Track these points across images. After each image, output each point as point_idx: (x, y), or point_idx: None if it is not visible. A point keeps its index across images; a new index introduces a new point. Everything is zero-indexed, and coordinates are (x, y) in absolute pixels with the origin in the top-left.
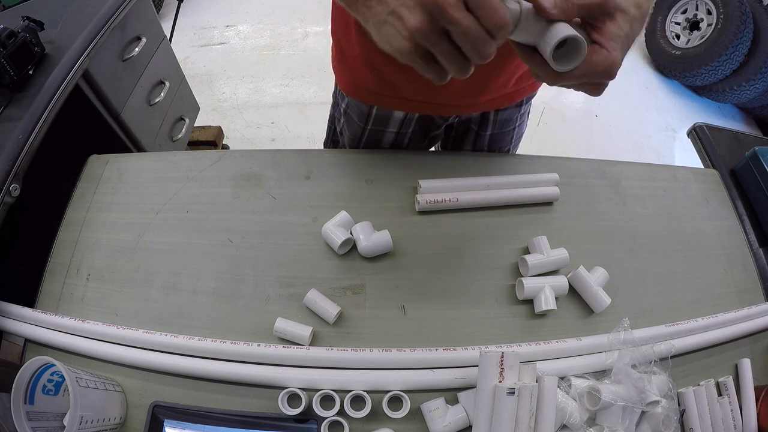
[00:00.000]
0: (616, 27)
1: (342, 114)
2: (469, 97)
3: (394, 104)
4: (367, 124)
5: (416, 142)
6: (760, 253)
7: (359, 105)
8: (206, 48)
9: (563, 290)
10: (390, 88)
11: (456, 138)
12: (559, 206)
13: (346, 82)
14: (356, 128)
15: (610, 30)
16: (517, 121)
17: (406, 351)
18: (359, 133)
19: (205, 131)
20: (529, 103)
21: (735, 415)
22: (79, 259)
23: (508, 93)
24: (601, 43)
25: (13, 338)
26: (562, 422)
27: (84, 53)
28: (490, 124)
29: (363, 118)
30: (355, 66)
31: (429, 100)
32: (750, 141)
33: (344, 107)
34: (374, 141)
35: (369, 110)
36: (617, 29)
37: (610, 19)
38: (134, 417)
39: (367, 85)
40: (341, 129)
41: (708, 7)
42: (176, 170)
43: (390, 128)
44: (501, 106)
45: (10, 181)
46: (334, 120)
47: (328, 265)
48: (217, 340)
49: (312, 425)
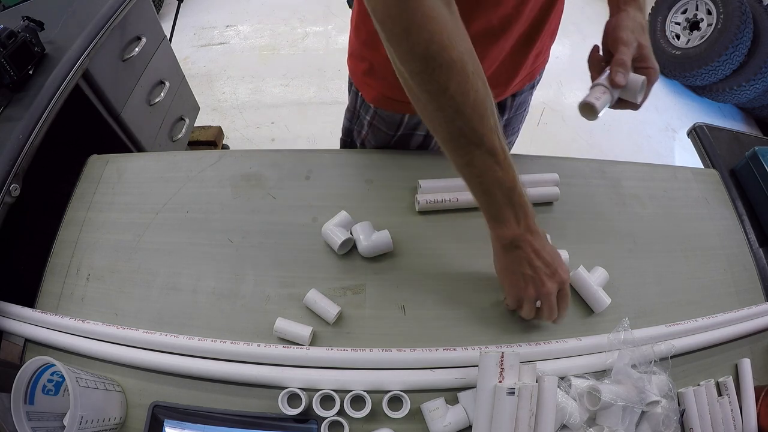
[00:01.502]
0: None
1: (366, 125)
2: (499, 87)
3: None
4: (398, 131)
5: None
6: (760, 253)
7: (391, 115)
8: (206, 48)
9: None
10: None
11: None
12: (559, 206)
13: (375, 95)
14: (385, 137)
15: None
16: (529, 101)
17: (406, 351)
18: (388, 140)
19: (205, 131)
20: (539, 77)
21: (735, 415)
22: (79, 259)
23: (527, 74)
24: (645, 66)
25: (13, 338)
26: (562, 422)
27: (84, 53)
28: (507, 110)
29: (394, 126)
30: (387, 79)
31: None
32: (750, 141)
33: (369, 119)
34: (401, 145)
35: (401, 119)
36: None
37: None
38: (134, 417)
39: (399, 97)
40: (363, 140)
41: (708, 7)
42: (176, 170)
43: (419, 131)
44: (521, 88)
45: (10, 181)
46: (351, 132)
47: (328, 265)
48: (217, 340)
49: (312, 425)
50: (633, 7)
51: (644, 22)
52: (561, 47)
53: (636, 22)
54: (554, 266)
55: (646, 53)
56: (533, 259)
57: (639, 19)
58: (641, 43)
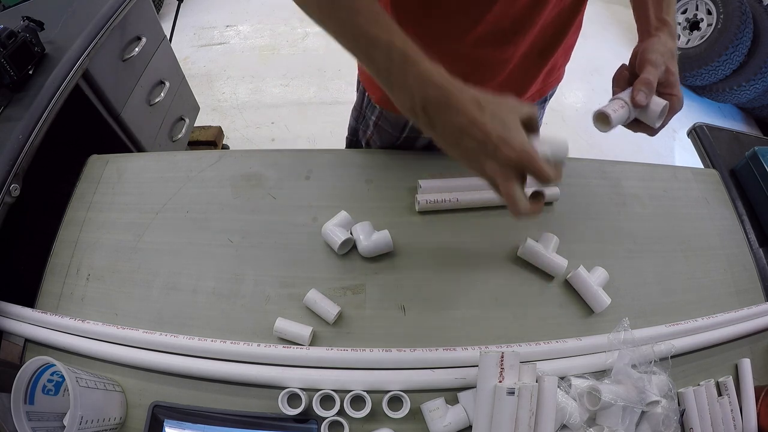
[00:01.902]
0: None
1: (372, 126)
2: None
3: None
4: (404, 132)
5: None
6: (760, 253)
7: (396, 117)
8: (206, 48)
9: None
10: None
11: None
12: (559, 206)
13: (381, 95)
14: (390, 137)
15: (670, 81)
16: (541, 116)
17: (406, 351)
18: (393, 141)
19: (205, 131)
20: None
21: (735, 415)
22: (79, 259)
23: (537, 90)
24: (669, 93)
25: (13, 338)
26: (562, 422)
27: (84, 53)
28: None
29: (399, 128)
30: None
31: None
32: (750, 141)
33: (375, 119)
34: (407, 146)
35: (406, 121)
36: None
37: (668, 73)
38: (134, 417)
39: None
40: (368, 140)
41: (708, 7)
42: (176, 170)
43: (425, 135)
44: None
45: (10, 181)
46: (356, 132)
47: (328, 265)
48: (217, 340)
49: (312, 425)
50: (664, 33)
51: (675, 49)
52: None
53: (666, 47)
54: (494, 138)
55: (673, 80)
56: (465, 128)
57: (670, 45)
58: (669, 68)
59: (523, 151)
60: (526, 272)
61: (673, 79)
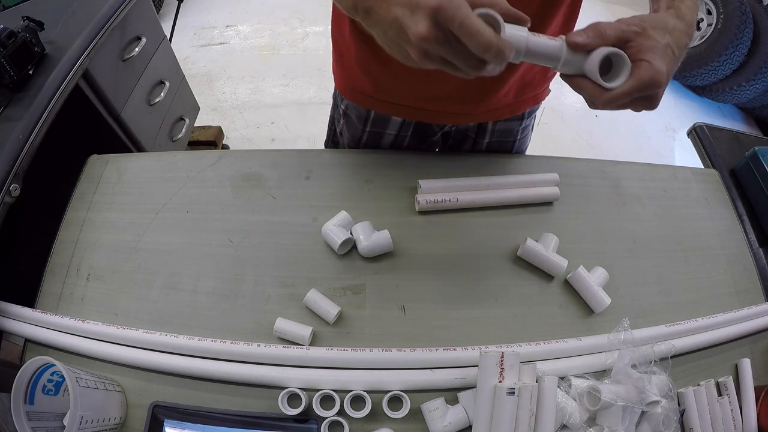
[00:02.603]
0: (651, 41)
1: (342, 115)
2: (466, 106)
3: (390, 109)
4: (366, 126)
5: (413, 146)
6: (760, 253)
7: (358, 108)
8: (206, 48)
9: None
10: (385, 93)
11: (453, 146)
12: (559, 206)
13: (345, 85)
14: (356, 130)
15: (645, 45)
16: (518, 134)
17: (406, 351)
18: (359, 135)
19: (205, 131)
20: (531, 117)
21: (735, 415)
22: (79, 259)
23: (508, 104)
24: (640, 58)
25: (13, 338)
26: (562, 422)
27: (84, 53)
28: (488, 133)
29: (362, 120)
30: (352, 69)
31: (424, 107)
32: (750, 141)
33: (344, 108)
34: (374, 142)
35: (367, 113)
36: (653, 42)
37: (644, 37)
38: (134, 417)
39: (364, 89)
40: (341, 130)
41: (708, 7)
42: (176, 170)
43: (389, 130)
44: (500, 117)
45: (10, 181)
46: (334, 121)
47: (328, 265)
48: (217, 340)
49: (312, 425)
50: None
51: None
52: None
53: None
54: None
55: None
56: (378, 11)
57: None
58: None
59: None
60: (526, 272)
61: (649, 44)
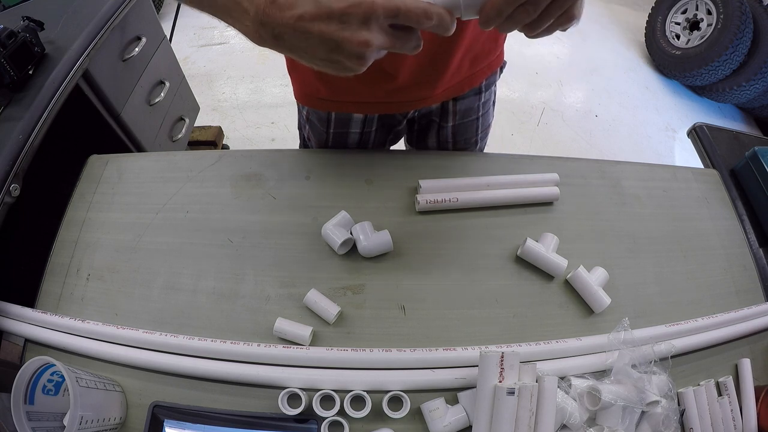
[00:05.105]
0: None
1: (306, 121)
2: (423, 90)
3: (349, 108)
4: (330, 128)
5: (381, 139)
6: (760, 253)
7: (317, 112)
8: (206, 48)
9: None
10: (342, 93)
11: (420, 131)
12: (559, 206)
13: (300, 92)
14: (320, 133)
15: None
16: (480, 110)
17: (406, 351)
18: (324, 138)
19: (205, 131)
20: (489, 91)
21: (735, 415)
22: (79, 259)
23: (465, 78)
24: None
25: (13, 338)
26: (562, 422)
27: (84, 53)
28: (450, 115)
29: (324, 123)
30: (306, 75)
31: (383, 99)
32: (750, 141)
33: (306, 114)
34: (340, 143)
35: (328, 116)
36: None
37: None
38: (134, 417)
39: (319, 93)
40: (307, 135)
41: (708, 7)
42: (176, 170)
43: (353, 129)
44: (460, 93)
45: (10, 181)
46: (301, 127)
47: (328, 265)
48: (217, 340)
49: (312, 425)
50: None
51: None
52: (561, 47)
53: None
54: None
55: None
56: (307, 30)
57: None
58: None
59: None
60: (526, 272)
61: None
